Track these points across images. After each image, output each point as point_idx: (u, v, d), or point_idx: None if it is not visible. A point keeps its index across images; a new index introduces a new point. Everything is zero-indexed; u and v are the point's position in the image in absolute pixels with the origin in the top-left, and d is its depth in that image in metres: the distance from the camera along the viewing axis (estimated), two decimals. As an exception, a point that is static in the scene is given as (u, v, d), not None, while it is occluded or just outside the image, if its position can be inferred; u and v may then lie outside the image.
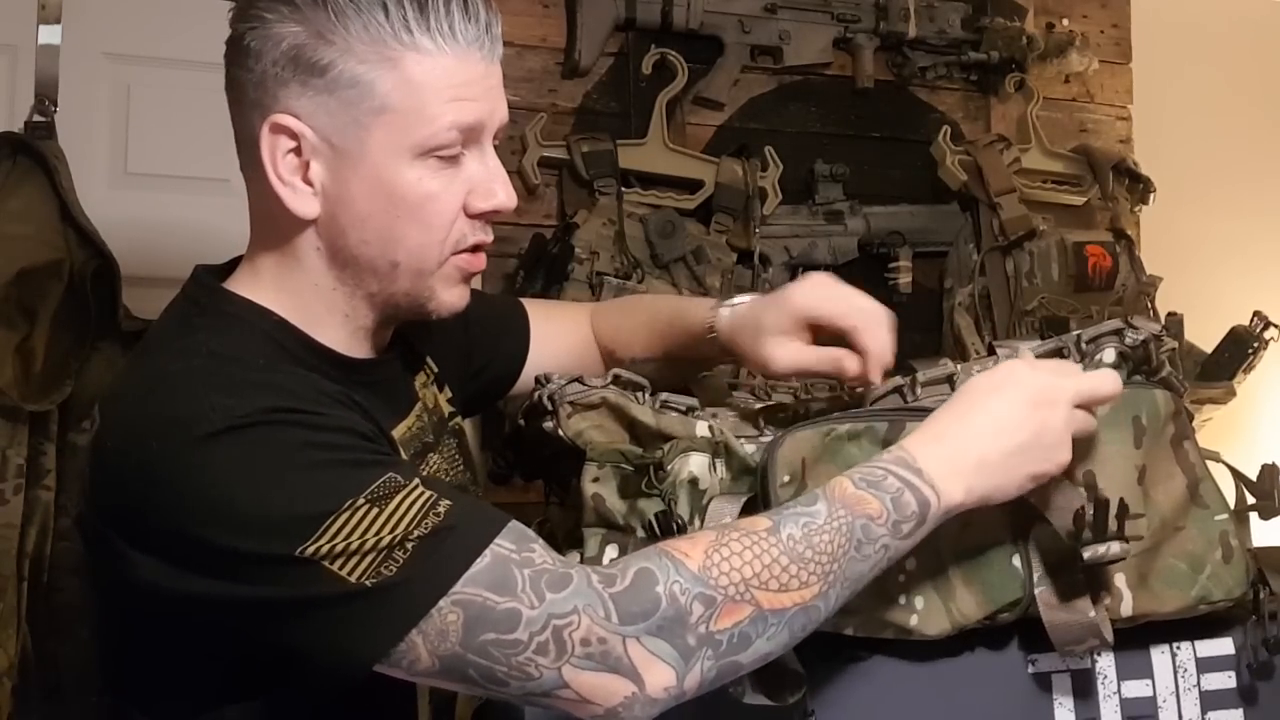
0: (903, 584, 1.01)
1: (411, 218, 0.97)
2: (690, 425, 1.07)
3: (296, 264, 1.00)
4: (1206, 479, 1.07)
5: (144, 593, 0.89)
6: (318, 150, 0.96)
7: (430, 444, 1.10)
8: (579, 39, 2.14)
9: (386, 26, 0.93)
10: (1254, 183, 2.66)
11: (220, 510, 0.85)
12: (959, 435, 0.97)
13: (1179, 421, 1.07)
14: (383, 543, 0.84)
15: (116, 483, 0.91)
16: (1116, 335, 1.09)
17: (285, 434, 0.87)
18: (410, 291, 1.01)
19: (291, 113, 0.95)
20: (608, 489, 1.04)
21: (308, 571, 0.84)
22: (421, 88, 0.94)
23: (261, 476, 0.86)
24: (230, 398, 0.88)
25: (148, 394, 0.92)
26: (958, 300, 2.28)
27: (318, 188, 0.97)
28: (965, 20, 2.37)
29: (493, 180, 1.00)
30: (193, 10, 1.94)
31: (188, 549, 0.86)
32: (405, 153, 0.95)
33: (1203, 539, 1.04)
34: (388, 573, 0.84)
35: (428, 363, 1.16)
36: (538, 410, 1.10)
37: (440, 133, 0.95)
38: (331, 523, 0.84)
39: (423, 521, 0.85)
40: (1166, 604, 1.02)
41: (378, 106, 0.94)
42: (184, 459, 0.86)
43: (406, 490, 0.86)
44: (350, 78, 0.94)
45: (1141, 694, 1.05)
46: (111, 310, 1.69)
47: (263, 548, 0.84)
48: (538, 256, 2.03)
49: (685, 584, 0.85)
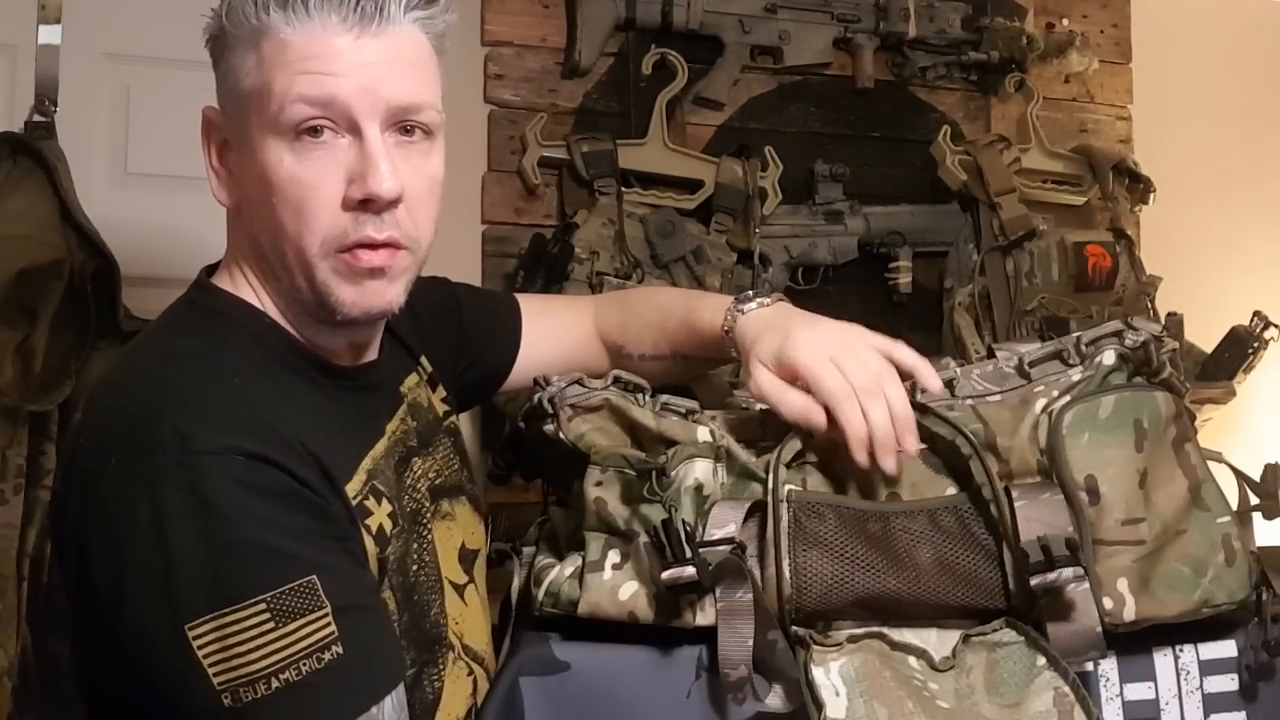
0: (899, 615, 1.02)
1: (284, 204, 0.96)
2: (691, 430, 1.07)
3: (242, 258, 1.02)
4: (1208, 481, 1.07)
5: (80, 601, 0.90)
6: (227, 139, 1.00)
7: (415, 448, 1.09)
8: (579, 39, 2.14)
9: (252, 11, 0.96)
10: (1254, 183, 2.66)
11: (141, 553, 0.85)
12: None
13: (1180, 423, 1.07)
14: (255, 665, 0.83)
15: (73, 484, 0.91)
16: (1116, 337, 1.09)
17: (228, 492, 0.86)
18: (308, 287, 0.98)
19: (217, 103, 1.01)
20: (610, 493, 1.04)
21: (179, 649, 0.83)
22: (270, 64, 0.95)
23: (192, 533, 0.84)
24: (189, 423, 0.87)
25: (122, 398, 0.93)
26: (958, 300, 2.28)
27: (233, 174, 1.01)
28: (965, 20, 2.37)
29: (367, 166, 0.95)
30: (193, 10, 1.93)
31: (106, 574, 0.86)
32: (268, 132, 0.95)
33: (1205, 542, 1.04)
34: (244, 698, 0.82)
35: (421, 363, 1.16)
36: (538, 413, 1.10)
37: (288, 107, 0.94)
38: (227, 614, 0.83)
39: (302, 662, 0.84)
40: (1169, 608, 1.01)
41: (245, 91, 0.97)
42: (126, 490, 0.86)
43: (311, 617, 0.85)
44: (229, 65, 0.98)
45: (1144, 696, 1.05)
46: (111, 310, 1.69)
47: (163, 606, 0.84)
48: (538, 256, 2.02)
49: None
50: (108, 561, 0.86)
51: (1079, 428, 1.03)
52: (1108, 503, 1.02)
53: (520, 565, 1.13)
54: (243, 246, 1.02)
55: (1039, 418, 1.05)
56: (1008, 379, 1.09)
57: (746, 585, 0.97)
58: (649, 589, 1.01)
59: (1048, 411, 1.05)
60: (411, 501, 1.05)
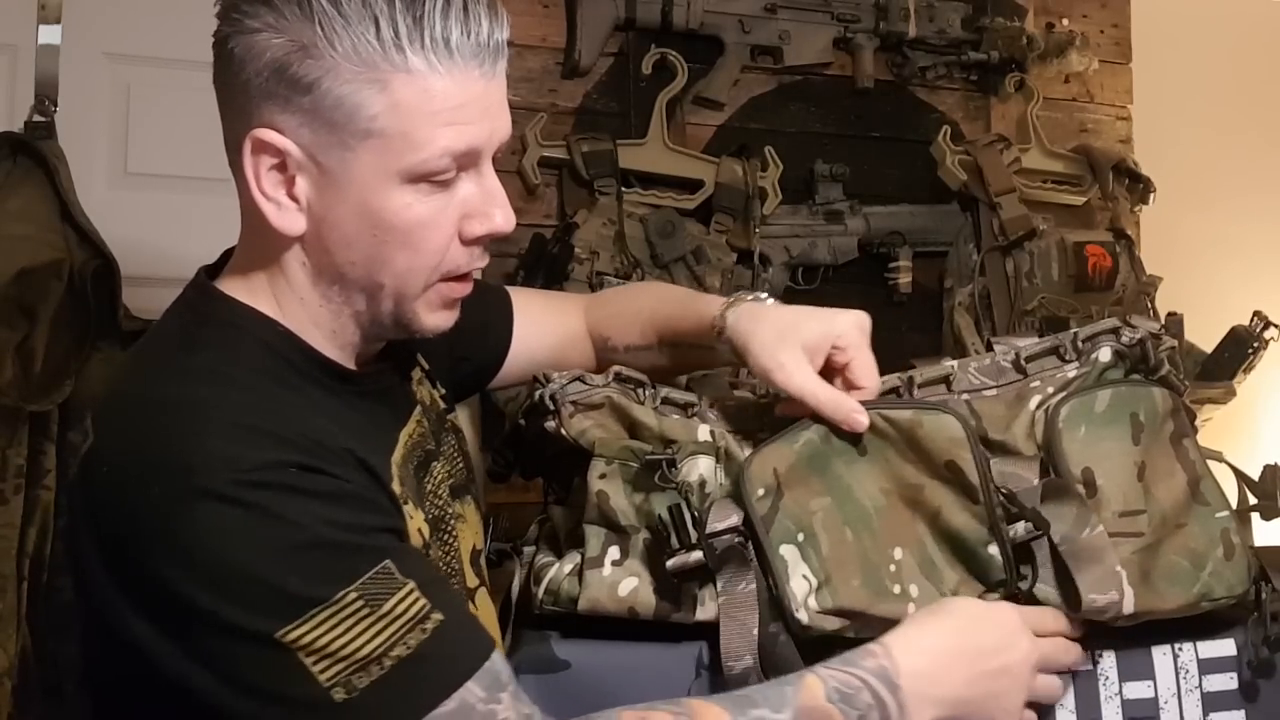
0: (894, 574, 1.01)
1: (400, 243, 0.93)
2: (691, 428, 1.07)
3: (283, 276, 0.96)
4: (1207, 476, 1.07)
5: (113, 628, 0.86)
6: (303, 167, 0.91)
7: (432, 451, 1.08)
8: (579, 39, 2.14)
9: (376, 45, 0.87)
10: (1254, 183, 2.66)
11: (209, 570, 0.82)
12: (944, 656, 0.95)
13: (1178, 419, 1.07)
14: (362, 652, 0.82)
15: (107, 512, 0.87)
16: (1113, 334, 1.09)
17: (286, 502, 0.84)
18: (395, 312, 0.97)
19: (275, 127, 0.90)
20: (614, 486, 1.04)
21: (281, 659, 0.81)
22: (412, 112, 0.89)
23: (259, 543, 0.82)
24: (234, 445, 0.85)
25: (146, 424, 0.88)
26: (958, 300, 2.28)
27: (303, 204, 0.92)
28: (965, 20, 2.37)
29: (489, 203, 0.95)
30: (193, 10, 1.93)
31: (165, 603, 0.83)
32: (393, 178, 0.90)
33: (1204, 536, 1.04)
34: (359, 685, 0.81)
35: (419, 360, 1.15)
36: (539, 410, 1.10)
37: (432, 160, 0.90)
38: (319, 612, 0.81)
39: (407, 637, 0.83)
40: (1169, 601, 1.01)
41: (363, 130, 0.89)
42: (183, 511, 0.83)
43: (400, 594, 0.84)
44: (336, 98, 0.88)
45: (1143, 695, 1.05)
46: (111, 310, 1.70)
47: (245, 620, 0.81)
48: (538, 256, 2.03)
49: None
50: (167, 596, 0.83)
51: (1075, 421, 1.04)
52: (1105, 495, 1.02)
53: (520, 565, 1.13)
54: (280, 264, 0.96)
55: (1034, 414, 1.05)
56: (1004, 373, 1.09)
57: (750, 576, 0.98)
58: (649, 584, 1.01)
59: (1044, 408, 1.05)
60: (433, 507, 1.04)
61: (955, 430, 1.03)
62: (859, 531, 1.02)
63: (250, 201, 0.94)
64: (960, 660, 0.95)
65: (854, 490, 1.03)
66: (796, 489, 1.02)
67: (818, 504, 1.02)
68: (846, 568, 1.00)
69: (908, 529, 1.03)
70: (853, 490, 1.03)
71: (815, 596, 1.00)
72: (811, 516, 1.02)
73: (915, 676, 0.92)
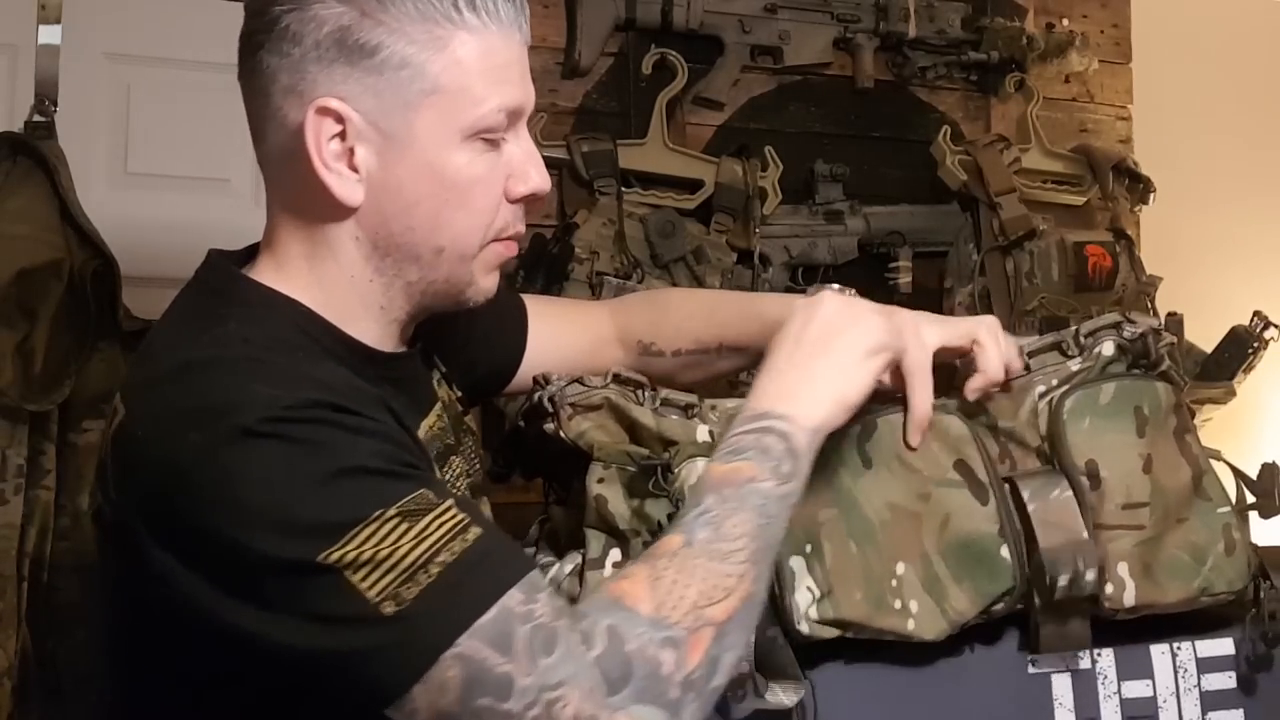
0: (895, 589, 1.01)
1: (459, 202, 0.96)
2: (691, 429, 1.07)
3: (330, 255, 0.98)
4: (1209, 472, 1.07)
5: (155, 592, 0.87)
6: (363, 135, 0.94)
7: (452, 445, 1.08)
8: (579, 39, 2.14)
9: (436, 4, 0.92)
10: (1254, 182, 2.66)
11: (251, 508, 0.83)
12: (787, 361, 0.98)
13: (1180, 414, 1.08)
14: (408, 560, 0.82)
15: (146, 472, 0.88)
16: (1115, 329, 1.09)
17: (326, 434, 0.85)
18: (450, 277, 1.00)
19: (337, 96, 0.92)
20: (612, 490, 1.04)
21: (327, 581, 0.81)
22: (470, 68, 0.94)
23: (298, 477, 0.83)
24: (274, 388, 0.86)
25: (183, 382, 0.89)
26: (958, 300, 2.28)
27: (363, 174, 0.95)
28: (965, 20, 2.37)
29: (528, 163, 0.99)
30: (193, 10, 1.94)
31: (208, 547, 0.84)
32: (455, 135, 0.95)
33: (1205, 531, 1.04)
34: (408, 596, 0.81)
35: (436, 362, 1.16)
36: (538, 412, 1.10)
37: (489, 114, 0.95)
38: (360, 530, 0.82)
39: (450, 544, 0.83)
40: (1169, 594, 1.02)
41: (428, 88, 0.93)
42: (222, 451, 0.84)
43: (439, 509, 0.84)
44: (400, 59, 0.92)
45: (1142, 694, 1.05)
46: (111, 310, 1.69)
47: (287, 550, 0.82)
48: (538, 256, 2.03)
49: (649, 635, 0.83)
50: (214, 541, 0.83)
51: (1079, 413, 1.04)
52: (1109, 487, 1.02)
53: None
54: (328, 244, 0.98)
55: (1038, 404, 1.05)
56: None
57: None
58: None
59: (1047, 399, 1.05)
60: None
61: (960, 428, 1.03)
62: (863, 545, 1.02)
63: (302, 181, 0.95)
64: (798, 352, 0.99)
65: (860, 503, 1.03)
66: (807, 498, 1.01)
67: (825, 515, 1.02)
68: (849, 580, 1.00)
69: (912, 544, 1.02)
70: (859, 503, 1.03)
71: (816, 607, 1.00)
72: (819, 527, 1.02)
73: (772, 394, 0.97)
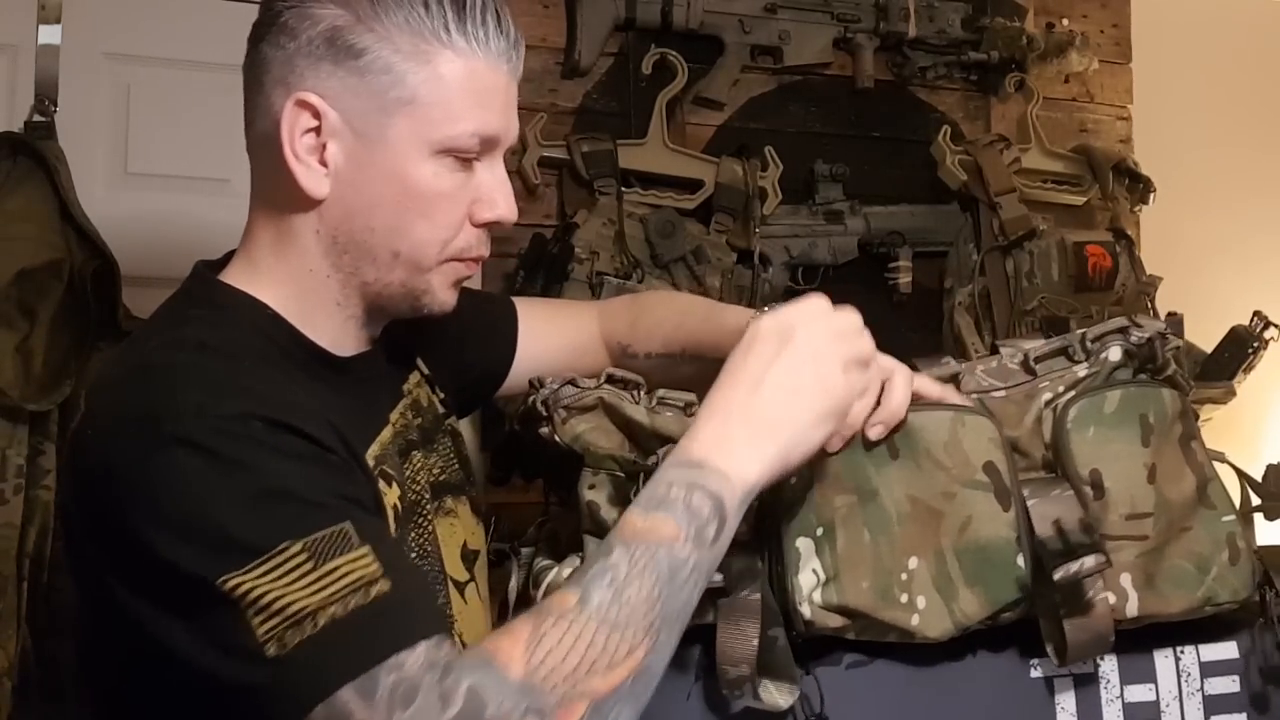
0: (905, 582, 1.00)
1: (420, 212, 0.99)
2: (685, 425, 1.07)
3: (292, 247, 1.00)
4: (1214, 479, 1.06)
5: (92, 581, 0.89)
6: (337, 133, 0.97)
7: (415, 441, 1.09)
8: (579, 39, 2.14)
9: (426, 22, 0.96)
10: (1254, 182, 2.66)
11: (165, 514, 0.83)
12: (740, 407, 0.90)
13: (1186, 421, 1.07)
14: (298, 605, 0.80)
15: (86, 470, 0.90)
16: (1122, 334, 1.08)
17: (251, 451, 0.85)
18: (405, 283, 1.02)
19: (318, 92, 0.96)
20: (602, 496, 1.04)
21: (226, 609, 0.81)
22: (450, 86, 0.97)
23: (217, 492, 0.83)
24: (208, 396, 0.87)
25: (128, 386, 0.92)
26: (958, 300, 2.28)
27: (331, 169, 0.98)
28: (965, 20, 2.37)
29: (497, 190, 1.02)
30: (193, 10, 1.94)
31: (128, 547, 0.84)
32: (425, 147, 0.97)
33: (1209, 540, 1.04)
34: (289, 642, 0.80)
35: (419, 364, 1.16)
36: (533, 416, 1.10)
37: (462, 135, 0.98)
38: (263, 562, 0.81)
39: (346, 597, 0.81)
40: (1173, 605, 1.01)
41: (406, 97, 0.96)
42: (152, 456, 0.85)
43: (351, 554, 0.83)
44: (384, 64, 0.96)
45: (1144, 698, 1.04)
46: (111, 310, 1.70)
47: (190, 563, 0.82)
48: (538, 256, 2.03)
49: (511, 702, 0.78)
50: (137, 546, 0.84)
51: (1084, 422, 1.03)
52: (1112, 497, 1.02)
53: (519, 566, 1.12)
54: (291, 235, 1.00)
55: (1043, 411, 1.05)
56: (1012, 375, 1.09)
57: (755, 585, 0.96)
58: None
59: (1052, 406, 1.05)
60: (411, 492, 1.05)
61: (992, 431, 1.03)
62: (877, 535, 1.01)
63: (273, 170, 0.98)
64: (740, 396, 0.90)
65: (881, 494, 1.02)
66: (827, 483, 1.00)
67: (841, 500, 1.01)
68: (858, 568, 1.00)
69: (929, 540, 1.01)
70: (879, 494, 1.02)
71: (821, 591, 0.99)
72: (835, 512, 1.01)
73: (710, 442, 0.89)
